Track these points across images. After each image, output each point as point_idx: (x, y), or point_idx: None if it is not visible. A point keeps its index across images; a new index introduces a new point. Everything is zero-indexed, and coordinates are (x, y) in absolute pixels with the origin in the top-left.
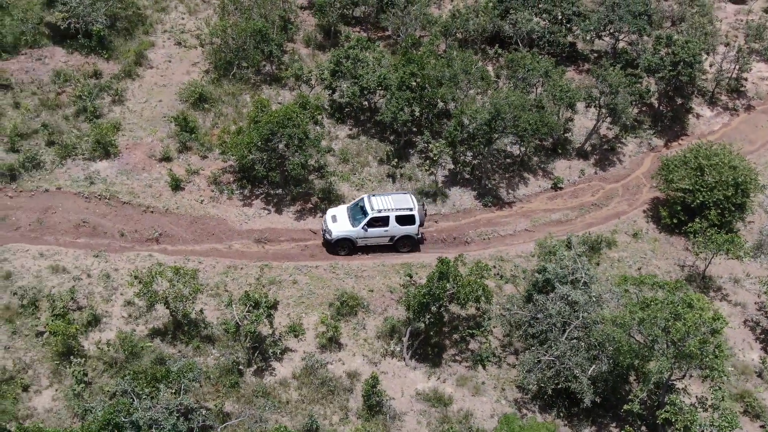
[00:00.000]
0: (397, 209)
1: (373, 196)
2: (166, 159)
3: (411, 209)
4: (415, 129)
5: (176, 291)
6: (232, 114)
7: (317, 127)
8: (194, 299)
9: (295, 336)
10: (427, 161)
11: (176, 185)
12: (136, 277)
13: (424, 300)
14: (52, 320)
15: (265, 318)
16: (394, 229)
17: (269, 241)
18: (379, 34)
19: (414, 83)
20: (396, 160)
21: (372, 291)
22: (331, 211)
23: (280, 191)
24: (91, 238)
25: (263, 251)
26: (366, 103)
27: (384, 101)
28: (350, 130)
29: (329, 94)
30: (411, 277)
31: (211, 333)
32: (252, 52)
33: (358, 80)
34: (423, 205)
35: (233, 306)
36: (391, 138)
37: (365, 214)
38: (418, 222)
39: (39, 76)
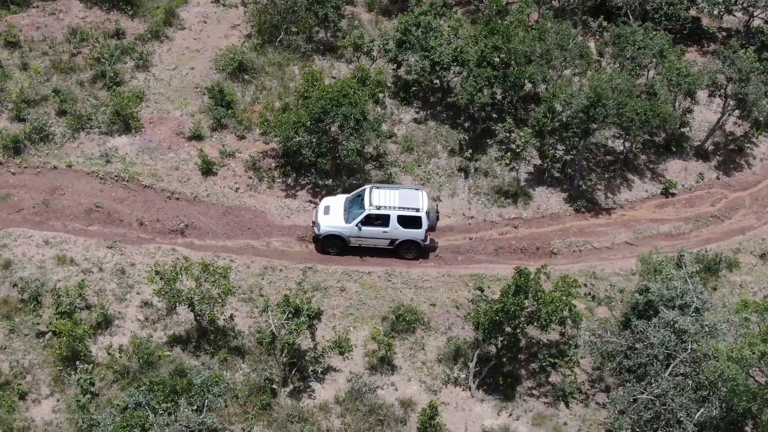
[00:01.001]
0: (400, 207)
1: (377, 188)
2: (197, 137)
3: (418, 210)
4: (495, 115)
5: (203, 292)
6: (276, 88)
7: (378, 108)
8: (224, 303)
9: (341, 353)
10: (509, 154)
11: (207, 169)
12: (157, 273)
13: (497, 318)
14: (57, 319)
15: (306, 329)
16: (396, 231)
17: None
18: None
19: (497, 59)
20: (470, 151)
21: (434, 305)
22: (326, 201)
23: (329, 182)
24: (105, 226)
25: (307, 251)
26: (437, 81)
27: (459, 80)
28: (417, 113)
29: (394, 69)
30: (482, 290)
31: (242, 344)
32: (303, 14)
33: (429, 53)
34: (436, 205)
35: (269, 312)
36: (466, 125)
37: (363, 209)
38: (425, 226)
39: (52, 34)
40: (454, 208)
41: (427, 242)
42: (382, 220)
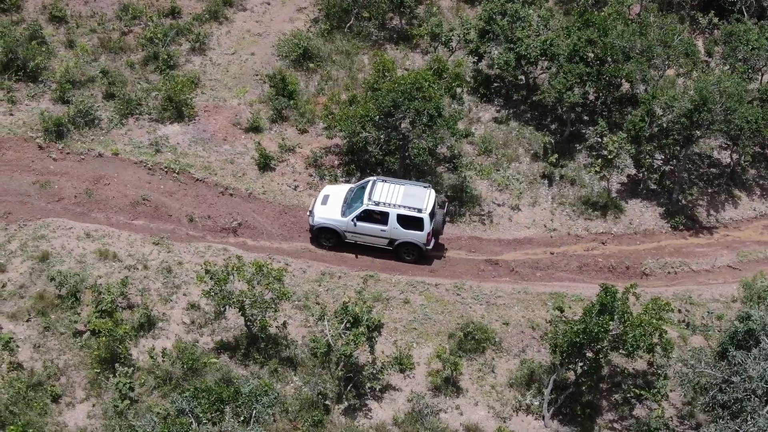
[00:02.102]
0: (401, 206)
1: (383, 181)
2: (255, 129)
3: (420, 210)
4: (586, 117)
5: (256, 295)
6: (344, 78)
7: (454, 104)
8: (277, 308)
9: (402, 370)
10: (599, 161)
11: (265, 164)
12: (207, 271)
13: (578, 340)
14: (96, 317)
15: (365, 341)
16: (395, 231)
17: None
18: None
19: (591, 54)
20: (556, 155)
21: (507, 324)
22: (326, 190)
23: None
24: (152, 221)
25: (369, 258)
26: (522, 77)
27: (547, 76)
28: (497, 111)
29: (474, 62)
30: (562, 311)
31: (294, 354)
32: None
33: (515, 46)
34: (445, 207)
35: (326, 321)
36: (553, 127)
37: (361, 203)
38: (428, 228)
39: (101, 9)
40: (535, 219)
41: (430, 247)
42: (381, 217)
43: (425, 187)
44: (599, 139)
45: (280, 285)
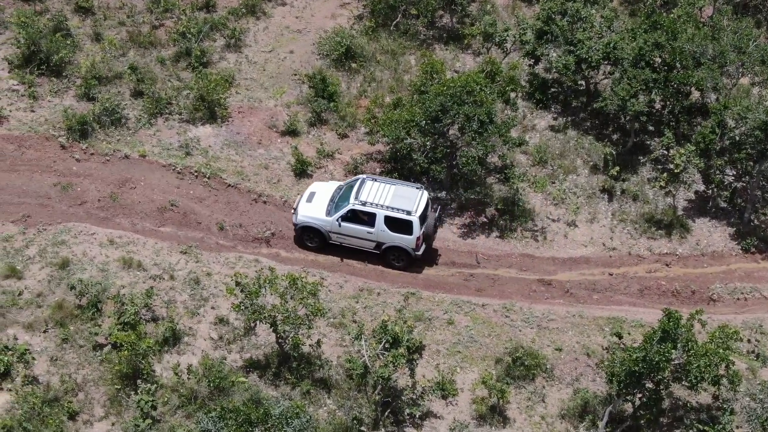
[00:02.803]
0: (389, 207)
1: (373, 180)
2: (292, 133)
3: (409, 213)
4: (651, 127)
5: (288, 310)
6: (388, 80)
7: (508, 109)
8: (311, 325)
9: (444, 396)
10: (665, 175)
11: (302, 169)
12: (238, 284)
13: (636, 369)
14: (118, 330)
15: (405, 363)
16: (383, 234)
17: (421, 260)
18: None
19: (658, 59)
20: (617, 168)
21: (560, 350)
22: (313, 186)
23: (443, 194)
24: (180, 228)
25: (411, 274)
26: (582, 82)
27: (610, 82)
28: (555, 119)
29: (530, 65)
30: (620, 337)
31: (328, 375)
32: None
33: (575, 48)
34: (437, 210)
35: (363, 341)
36: (614, 137)
37: (348, 202)
38: (417, 232)
39: (131, 1)
40: (593, 237)
41: (420, 253)
42: (368, 218)
43: (418, 188)
44: (665, 152)
45: (314, 300)
